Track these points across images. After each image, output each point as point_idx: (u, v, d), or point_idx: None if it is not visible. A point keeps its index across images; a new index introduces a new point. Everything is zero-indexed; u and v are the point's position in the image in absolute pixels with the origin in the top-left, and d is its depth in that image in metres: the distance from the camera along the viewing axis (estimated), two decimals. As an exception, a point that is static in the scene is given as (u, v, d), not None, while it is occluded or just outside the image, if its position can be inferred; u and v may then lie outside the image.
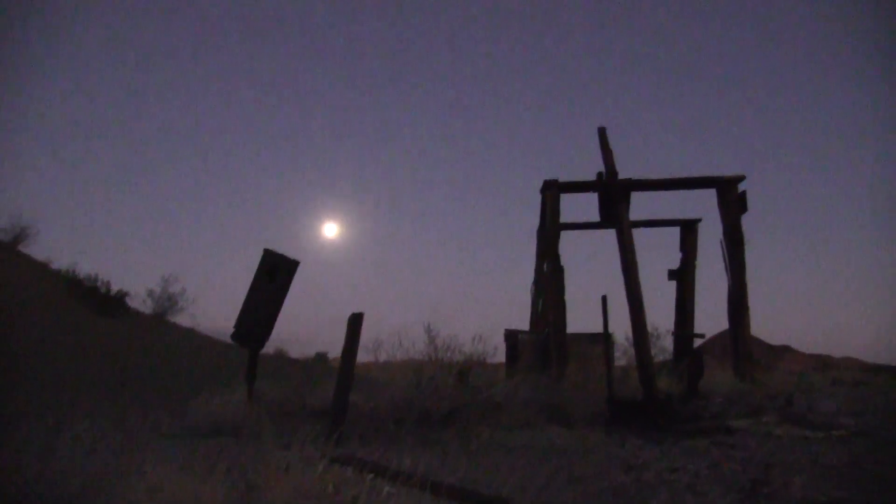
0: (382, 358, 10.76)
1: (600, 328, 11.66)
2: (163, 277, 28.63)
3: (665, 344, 21.90)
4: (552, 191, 15.68)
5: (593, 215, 15.27)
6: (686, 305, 17.67)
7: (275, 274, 10.82)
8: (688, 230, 17.76)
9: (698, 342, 17.08)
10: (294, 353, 31.48)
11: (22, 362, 13.84)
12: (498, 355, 12.73)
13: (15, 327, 16.36)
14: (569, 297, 15.32)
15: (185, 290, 28.73)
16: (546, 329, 15.78)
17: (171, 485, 4.16)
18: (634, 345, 12.57)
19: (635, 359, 12.66)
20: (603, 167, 14.33)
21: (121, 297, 25.67)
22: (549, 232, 15.54)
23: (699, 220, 17.67)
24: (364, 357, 9.73)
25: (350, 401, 8.91)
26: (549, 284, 15.40)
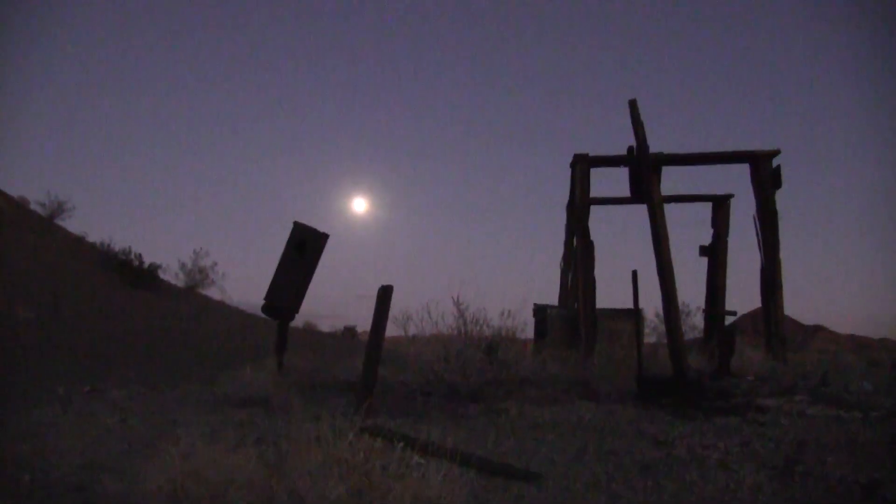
0: (411, 332, 10.76)
1: (629, 304, 11.53)
2: (194, 251, 29.06)
3: (695, 321, 21.71)
4: (582, 165, 15.49)
5: (623, 190, 15.07)
6: (717, 283, 17.41)
7: (304, 246, 10.86)
8: (720, 206, 17.44)
9: (730, 320, 16.86)
10: (323, 327, 31.83)
11: (58, 332, 14.12)
12: (527, 331, 12.68)
13: (52, 298, 16.68)
14: (598, 273, 15.19)
15: (216, 264, 29.15)
16: (575, 304, 15.68)
17: (202, 453, 4.19)
18: (665, 321, 12.42)
19: (665, 335, 12.52)
20: (633, 141, 14.08)
21: (153, 270, 26.09)
22: (579, 207, 15.38)
23: (731, 196, 17.34)
24: (393, 331, 9.74)
25: (378, 374, 8.94)
26: (579, 260, 15.27)
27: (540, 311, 15.92)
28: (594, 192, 15.66)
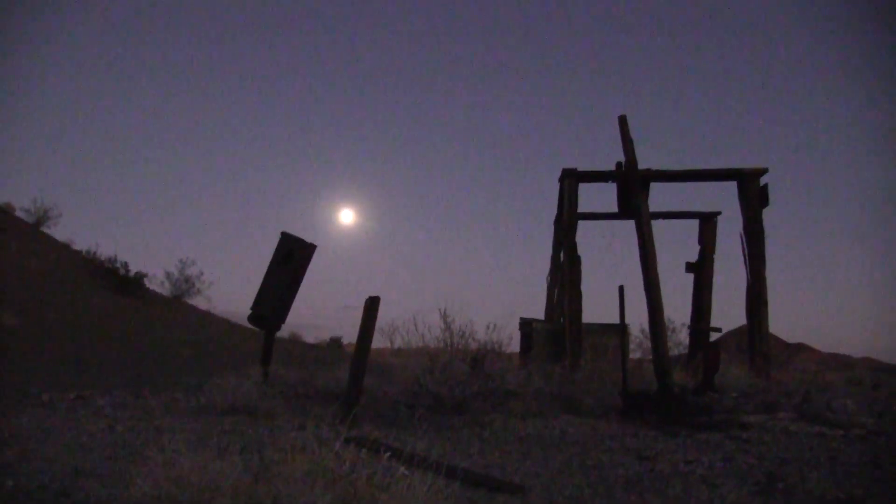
0: (397, 343, 10.76)
1: (615, 319, 11.59)
2: (181, 260, 28.87)
3: (680, 338, 21.76)
4: (570, 180, 15.57)
5: (611, 205, 15.16)
6: (703, 299, 17.53)
7: (292, 257, 10.87)
8: (707, 223, 17.59)
9: (714, 336, 16.96)
10: (309, 338, 31.65)
11: (44, 339, 14.02)
12: (513, 344, 12.70)
13: (37, 306, 16.56)
14: (585, 288, 15.25)
15: (203, 273, 28.95)
16: (561, 319, 15.73)
17: (187, 460, 4.19)
18: (651, 336, 12.50)
19: (651, 350, 12.59)
20: (622, 157, 14.19)
21: (139, 279, 25.91)
22: (567, 221, 15.45)
23: (718, 213, 17.50)
24: (379, 342, 9.75)
25: (364, 385, 8.95)
26: (566, 274, 15.33)
27: (526, 325, 15.95)
28: (582, 207, 15.75)
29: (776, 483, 5.67)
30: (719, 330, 17.14)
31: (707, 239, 17.57)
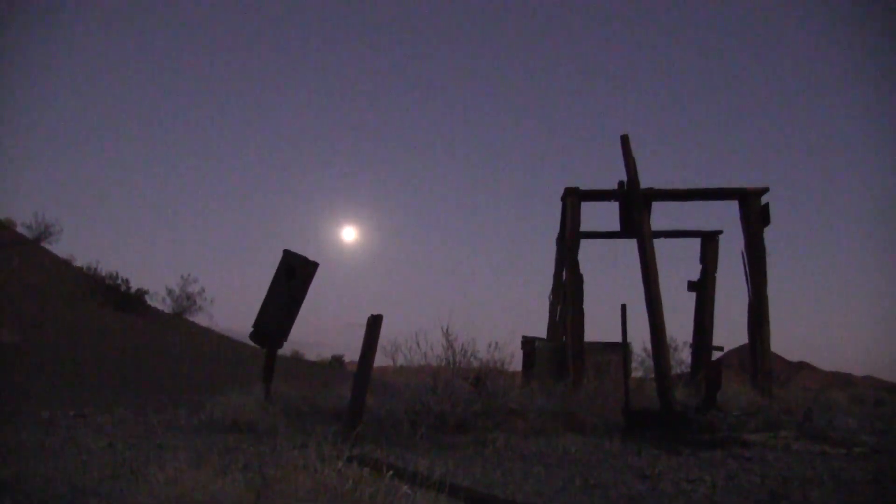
0: (399, 361, 10.75)
1: (617, 337, 11.58)
2: (182, 277, 28.93)
3: (682, 356, 21.71)
4: (573, 198, 15.61)
5: (613, 224, 15.20)
6: (705, 318, 17.51)
7: (294, 274, 10.89)
8: (708, 242, 17.61)
9: (717, 355, 16.92)
10: (310, 356, 31.63)
11: (44, 356, 14.01)
12: (515, 363, 12.69)
13: (37, 322, 16.57)
14: (587, 306, 15.24)
15: (204, 290, 29.01)
16: (563, 337, 15.71)
17: (189, 478, 4.18)
18: (653, 355, 12.49)
19: (653, 369, 12.58)
20: (625, 176, 14.24)
21: (140, 295, 25.97)
22: (569, 240, 15.47)
23: (720, 232, 17.53)
24: (381, 360, 9.73)
25: (366, 403, 8.92)
26: (568, 293, 15.33)
27: (528, 344, 15.93)
28: (584, 226, 15.77)
29: (779, 501, 5.65)
30: (721, 349, 17.10)
31: (709, 258, 17.58)
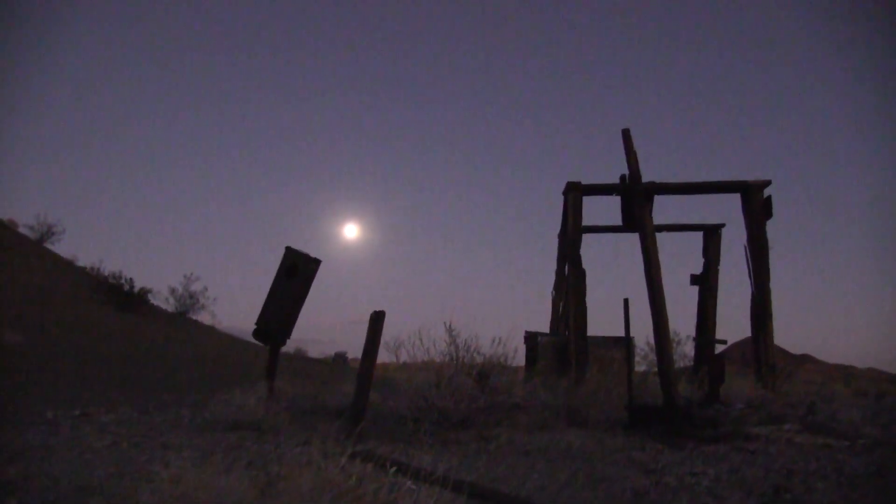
0: (402, 358, 10.76)
1: (620, 332, 11.57)
2: (185, 276, 29.00)
3: (686, 350, 21.74)
4: (574, 193, 15.60)
5: (616, 218, 15.17)
6: (708, 311, 17.51)
7: (296, 272, 10.89)
8: (711, 235, 17.60)
9: (720, 348, 16.92)
10: (314, 353, 31.69)
11: (47, 356, 14.04)
12: (518, 358, 12.68)
13: (41, 322, 16.60)
14: (589, 301, 15.25)
15: (207, 289, 29.06)
16: (566, 332, 15.71)
17: (193, 476, 4.20)
18: (656, 349, 12.46)
19: (656, 363, 12.57)
20: (626, 170, 14.21)
21: (143, 295, 26.00)
22: (571, 235, 15.47)
23: (723, 226, 17.51)
24: (384, 357, 9.75)
25: (370, 399, 8.93)
26: (571, 287, 15.33)
27: (531, 339, 15.94)
28: (586, 221, 15.76)
29: (782, 494, 5.65)
30: (724, 342, 17.10)
31: (711, 251, 17.58)
